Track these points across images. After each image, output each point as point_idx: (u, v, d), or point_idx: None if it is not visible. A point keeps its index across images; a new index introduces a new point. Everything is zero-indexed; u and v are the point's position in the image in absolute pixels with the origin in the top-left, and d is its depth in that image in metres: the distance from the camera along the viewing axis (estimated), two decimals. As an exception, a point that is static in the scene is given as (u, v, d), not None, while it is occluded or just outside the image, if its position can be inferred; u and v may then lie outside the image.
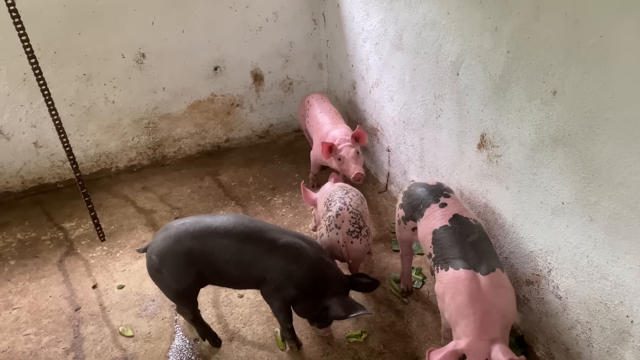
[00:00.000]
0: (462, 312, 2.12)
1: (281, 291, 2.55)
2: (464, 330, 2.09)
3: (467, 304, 2.12)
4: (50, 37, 3.96)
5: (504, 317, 2.13)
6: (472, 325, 2.07)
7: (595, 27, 1.83)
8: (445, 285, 2.26)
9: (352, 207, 2.88)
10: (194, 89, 4.65)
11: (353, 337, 2.82)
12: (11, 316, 3.13)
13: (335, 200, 2.95)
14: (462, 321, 2.11)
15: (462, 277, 2.20)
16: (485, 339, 2.03)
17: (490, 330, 2.06)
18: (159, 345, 2.86)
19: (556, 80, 2.07)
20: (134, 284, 3.32)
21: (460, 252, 2.30)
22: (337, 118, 3.96)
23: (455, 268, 2.25)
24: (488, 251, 2.33)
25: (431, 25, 2.91)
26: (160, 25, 4.26)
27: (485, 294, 2.14)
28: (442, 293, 2.28)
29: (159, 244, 2.54)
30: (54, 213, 4.15)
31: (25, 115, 4.15)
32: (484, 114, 2.61)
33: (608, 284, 2.06)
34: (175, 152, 4.86)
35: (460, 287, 2.18)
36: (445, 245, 2.37)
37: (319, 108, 4.06)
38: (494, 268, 2.24)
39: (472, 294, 2.14)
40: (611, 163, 1.90)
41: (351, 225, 2.82)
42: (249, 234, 2.53)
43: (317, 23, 4.81)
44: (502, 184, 2.59)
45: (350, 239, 2.82)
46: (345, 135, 3.59)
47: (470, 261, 2.25)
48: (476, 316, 2.08)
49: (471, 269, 2.22)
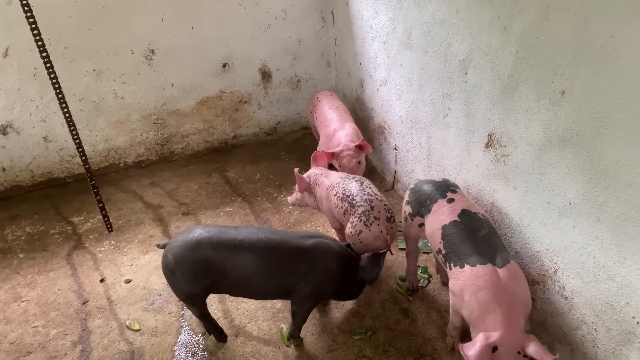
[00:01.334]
0: (487, 307, 2.14)
1: (320, 292, 2.60)
2: (492, 324, 2.10)
3: (491, 299, 2.14)
4: (61, 32, 3.99)
5: (525, 307, 2.17)
6: (500, 317, 2.09)
7: (605, 27, 1.83)
8: (463, 282, 2.27)
9: (379, 195, 2.92)
10: (203, 85, 4.67)
11: (358, 334, 2.83)
12: (20, 308, 3.16)
13: (356, 195, 2.89)
14: (488, 316, 2.13)
15: (481, 273, 2.22)
16: (516, 329, 2.07)
17: (518, 320, 2.10)
18: (165, 339, 2.88)
19: (565, 80, 2.07)
20: (141, 278, 3.35)
21: (473, 248, 2.31)
22: (346, 115, 3.96)
23: (472, 265, 2.26)
24: (499, 244, 2.36)
25: (440, 24, 2.90)
26: (170, 22, 4.28)
27: (506, 286, 2.17)
28: (460, 290, 2.28)
29: (178, 245, 2.53)
30: (62, 207, 4.19)
31: (35, 110, 4.18)
32: (491, 114, 2.60)
33: (614, 284, 2.05)
34: (183, 148, 4.88)
35: (481, 283, 2.19)
36: (457, 241, 2.38)
37: (327, 105, 4.07)
38: (509, 259, 2.27)
39: (494, 288, 2.16)
40: (619, 164, 1.89)
41: (387, 212, 2.85)
42: (275, 246, 2.53)
43: (326, 21, 4.82)
44: (509, 184, 2.59)
45: (390, 225, 2.85)
46: (350, 141, 3.58)
47: (485, 255, 2.27)
48: (502, 309, 2.11)
49: (488, 263, 2.24)
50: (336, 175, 3.16)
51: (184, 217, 3.96)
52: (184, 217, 3.96)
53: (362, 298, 3.07)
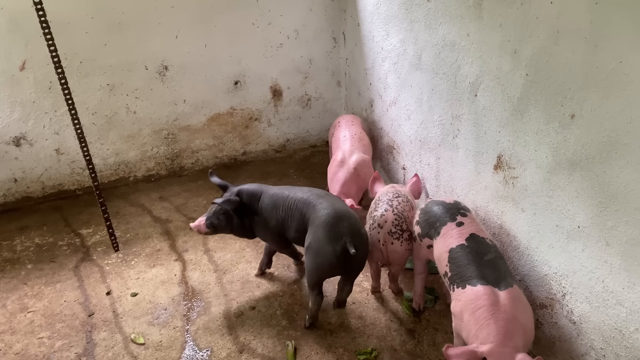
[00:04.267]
0: (483, 323, 2.13)
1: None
2: (485, 338, 2.09)
3: (487, 316, 2.13)
4: (77, 47, 4.07)
5: (524, 331, 2.13)
6: (494, 332, 2.08)
7: (615, 52, 1.85)
8: (464, 304, 2.26)
9: (398, 210, 2.96)
10: (214, 102, 4.73)
11: (363, 354, 2.81)
12: (26, 319, 3.17)
13: (383, 202, 3.04)
14: (483, 331, 2.11)
15: (481, 293, 2.21)
16: (509, 345, 2.04)
17: (513, 338, 2.07)
18: (169, 354, 2.87)
19: (574, 104, 2.08)
20: (147, 292, 3.35)
21: (477, 271, 2.31)
22: (359, 145, 3.90)
23: (473, 285, 2.25)
24: (505, 269, 2.35)
25: (450, 47, 2.94)
26: (184, 39, 4.36)
27: (505, 306, 2.16)
28: (460, 311, 2.27)
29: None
30: (72, 219, 4.22)
31: (49, 123, 4.25)
32: (501, 136, 2.61)
33: (624, 310, 2.03)
34: (192, 164, 4.92)
35: (479, 302, 2.18)
36: (462, 264, 2.37)
37: (343, 132, 4.04)
38: (512, 284, 2.26)
39: (492, 306, 2.16)
40: (629, 188, 1.89)
41: (393, 227, 2.90)
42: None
43: (337, 42, 4.88)
44: (518, 206, 2.58)
45: (391, 240, 2.89)
46: (343, 193, 3.56)
47: (488, 278, 2.26)
48: (498, 324, 2.10)
49: (489, 285, 2.23)
50: (388, 187, 3.27)
51: (191, 232, 3.97)
52: (191, 232, 3.97)
53: (368, 318, 3.06)
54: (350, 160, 3.73)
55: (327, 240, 2.71)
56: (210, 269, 3.54)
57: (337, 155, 3.85)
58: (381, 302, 3.19)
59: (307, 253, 2.84)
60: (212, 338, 2.97)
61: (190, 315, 3.14)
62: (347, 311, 3.10)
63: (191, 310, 3.18)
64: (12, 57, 3.94)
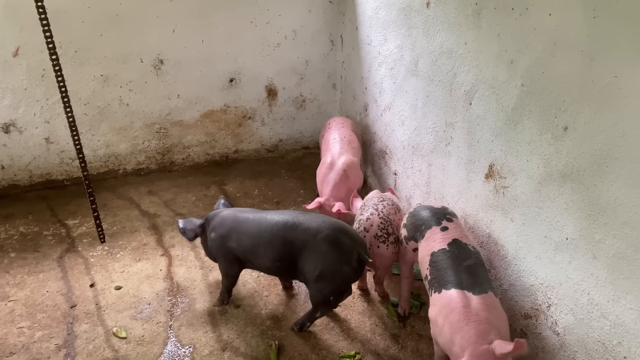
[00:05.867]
0: (456, 327, 2.14)
1: None
2: (460, 344, 2.09)
3: (460, 319, 2.14)
4: (72, 36, 4.04)
5: (499, 334, 2.12)
6: (467, 335, 2.09)
7: (610, 66, 1.86)
8: (438, 309, 2.28)
9: (384, 214, 2.97)
10: (208, 98, 4.70)
11: (347, 357, 2.80)
12: (6, 308, 3.12)
13: (369, 206, 3.07)
14: (457, 335, 2.12)
15: (453, 296, 2.23)
16: (484, 344, 2.05)
17: (488, 337, 2.07)
18: (151, 349, 2.84)
19: (568, 116, 2.09)
20: (131, 285, 3.32)
21: (454, 276, 2.33)
22: (348, 148, 3.92)
23: (448, 289, 2.28)
24: (483, 276, 2.36)
25: (447, 54, 2.95)
26: (181, 34, 4.34)
27: (478, 310, 2.16)
28: (435, 316, 2.29)
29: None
30: (58, 209, 4.17)
31: (40, 111, 4.20)
32: (493, 145, 2.62)
33: (607, 323, 2.04)
34: (183, 159, 4.89)
35: (452, 305, 2.20)
36: (441, 268, 2.40)
37: (333, 134, 4.04)
38: (487, 291, 2.27)
39: (464, 309, 2.17)
40: (618, 202, 1.91)
41: (379, 230, 2.90)
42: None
43: (335, 44, 4.88)
44: (507, 216, 2.59)
45: (377, 244, 2.89)
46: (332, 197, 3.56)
47: (462, 283, 2.28)
48: (470, 326, 2.11)
49: (463, 290, 2.24)
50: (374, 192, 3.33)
51: (179, 227, 3.94)
52: (179, 227, 3.94)
53: (353, 321, 3.05)
54: (339, 162, 3.73)
55: (343, 262, 2.74)
56: (196, 266, 3.52)
57: (326, 157, 3.85)
58: (367, 305, 3.19)
59: (320, 280, 2.77)
60: (195, 335, 2.94)
61: (174, 311, 3.12)
62: (333, 313, 3.09)
63: (175, 306, 3.16)
64: (6, 42, 3.90)
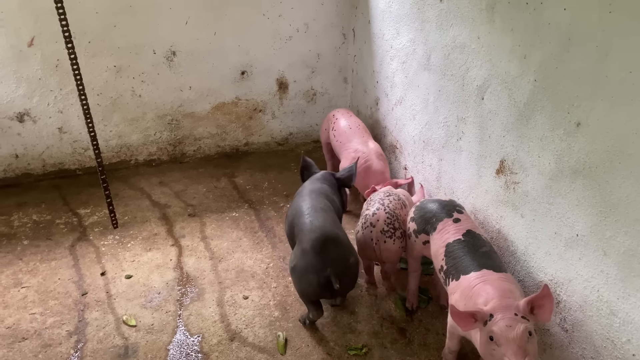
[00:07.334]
0: (480, 293, 2.17)
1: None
2: (484, 300, 2.12)
3: (481, 285, 2.19)
4: (86, 27, 4.06)
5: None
6: (491, 292, 2.13)
7: (625, 62, 1.84)
8: (459, 295, 2.30)
9: (390, 209, 2.97)
10: (220, 90, 4.72)
11: (354, 350, 2.81)
12: (19, 294, 3.17)
13: (375, 201, 3.07)
14: (479, 299, 2.14)
15: (473, 277, 2.27)
16: (510, 297, 2.09)
17: (512, 295, 2.12)
18: (160, 338, 2.88)
19: (581, 112, 2.08)
20: (141, 274, 3.35)
21: (472, 261, 2.35)
22: (367, 135, 3.94)
23: (466, 274, 2.31)
24: (499, 261, 2.40)
25: (460, 49, 2.93)
26: (194, 26, 4.35)
27: (500, 279, 2.21)
28: (456, 302, 2.29)
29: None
30: (70, 198, 4.22)
31: (53, 101, 4.24)
32: (505, 140, 2.61)
33: (617, 320, 2.04)
34: (194, 151, 4.92)
35: (473, 284, 2.24)
36: (458, 256, 2.42)
37: (344, 122, 4.01)
38: (506, 271, 2.32)
39: (488, 281, 2.21)
40: (630, 199, 1.89)
41: (386, 225, 2.91)
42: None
43: (347, 38, 4.87)
44: (518, 212, 2.59)
45: (384, 238, 2.89)
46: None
47: (483, 265, 2.31)
48: (493, 285, 2.17)
49: (482, 269, 2.28)
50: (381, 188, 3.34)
51: (189, 218, 3.97)
52: (189, 218, 3.97)
53: (361, 314, 3.06)
54: (375, 148, 3.79)
55: (312, 269, 2.64)
56: (206, 256, 3.55)
57: (355, 147, 3.79)
58: (375, 299, 3.19)
59: (292, 273, 2.80)
60: (203, 324, 2.97)
61: (183, 301, 3.15)
62: (341, 306, 3.10)
63: (184, 296, 3.19)
64: (21, 32, 3.94)
